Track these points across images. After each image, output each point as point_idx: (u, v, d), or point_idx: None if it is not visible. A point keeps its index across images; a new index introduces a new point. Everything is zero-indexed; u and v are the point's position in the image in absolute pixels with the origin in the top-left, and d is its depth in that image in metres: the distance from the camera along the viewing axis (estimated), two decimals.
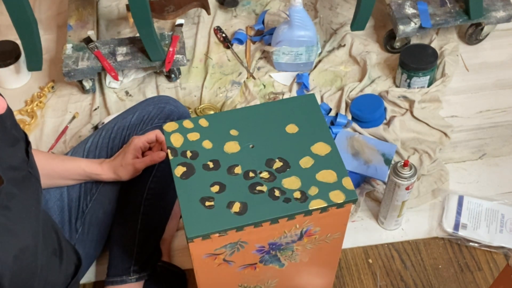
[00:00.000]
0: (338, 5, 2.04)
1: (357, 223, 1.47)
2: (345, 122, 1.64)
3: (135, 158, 1.20)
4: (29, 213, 0.88)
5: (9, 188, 0.83)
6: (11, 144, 0.89)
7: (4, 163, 0.84)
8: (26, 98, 1.82)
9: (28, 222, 0.87)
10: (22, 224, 0.84)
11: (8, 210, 0.81)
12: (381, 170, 1.49)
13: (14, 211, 0.82)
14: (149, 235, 1.29)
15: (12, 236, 0.81)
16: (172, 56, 1.72)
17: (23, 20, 1.54)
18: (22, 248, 0.83)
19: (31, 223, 0.88)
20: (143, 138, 1.21)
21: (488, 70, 1.82)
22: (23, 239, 0.83)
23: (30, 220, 0.88)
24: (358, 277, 1.38)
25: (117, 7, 2.08)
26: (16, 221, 0.82)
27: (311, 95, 1.09)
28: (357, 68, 1.84)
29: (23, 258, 0.83)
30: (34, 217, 0.90)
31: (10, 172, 0.84)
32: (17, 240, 0.82)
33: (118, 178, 1.22)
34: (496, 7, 1.81)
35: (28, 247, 0.85)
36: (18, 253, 0.81)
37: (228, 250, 0.98)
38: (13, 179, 0.84)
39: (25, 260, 0.84)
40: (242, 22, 2.01)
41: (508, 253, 1.39)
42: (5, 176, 0.82)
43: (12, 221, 0.81)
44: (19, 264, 0.81)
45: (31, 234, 0.87)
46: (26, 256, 0.84)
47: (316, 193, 0.94)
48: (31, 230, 0.88)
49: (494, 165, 1.58)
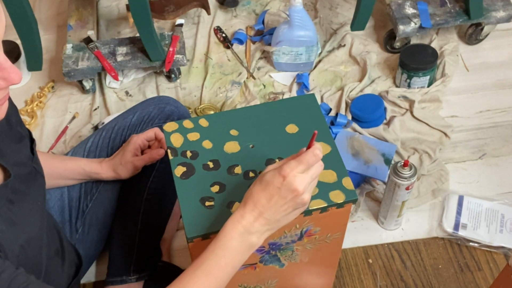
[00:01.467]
0: (338, 5, 2.04)
1: (357, 223, 1.47)
2: (345, 122, 1.64)
3: (134, 156, 1.20)
4: (34, 207, 0.89)
5: (15, 183, 0.84)
6: (17, 141, 0.90)
7: (10, 159, 0.85)
8: (26, 98, 1.82)
9: (33, 216, 0.88)
10: (27, 217, 0.86)
11: (13, 204, 0.82)
12: (381, 170, 1.49)
13: (19, 205, 0.84)
14: (149, 235, 1.29)
15: (18, 228, 0.82)
16: (172, 56, 1.72)
17: (23, 20, 1.54)
18: (28, 239, 0.85)
19: (36, 216, 0.89)
20: (142, 136, 1.21)
21: (488, 70, 1.82)
22: (28, 231, 0.85)
23: (35, 214, 0.89)
24: (358, 277, 1.38)
25: (117, 7, 2.09)
26: (21, 214, 0.84)
27: (311, 95, 1.09)
28: (357, 68, 1.84)
29: (29, 249, 0.84)
30: (39, 211, 0.91)
31: (16, 168, 0.86)
32: (22, 231, 0.83)
33: (118, 177, 1.22)
34: (496, 7, 1.81)
35: (33, 239, 0.86)
36: (24, 244, 0.83)
37: None
38: (19, 174, 0.85)
39: (30, 251, 0.85)
40: (242, 22, 2.01)
41: (508, 253, 1.39)
42: (11, 171, 0.83)
43: (17, 214, 0.83)
44: (25, 254, 0.83)
45: (36, 227, 0.89)
46: (31, 247, 0.85)
47: (316, 193, 0.94)
48: (36, 223, 0.89)
49: (494, 165, 1.58)
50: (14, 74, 0.67)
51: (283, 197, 0.80)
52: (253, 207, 0.82)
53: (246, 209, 0.82)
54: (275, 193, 0.80)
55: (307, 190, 0.80)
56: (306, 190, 0.80)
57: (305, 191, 0.80)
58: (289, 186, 0.79)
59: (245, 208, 0.82)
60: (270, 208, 0.81)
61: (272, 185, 0.80)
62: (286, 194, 0.79)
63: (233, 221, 0.83)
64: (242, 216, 0.82)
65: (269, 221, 0.82)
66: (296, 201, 0.80)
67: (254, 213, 0.82)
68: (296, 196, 0.80)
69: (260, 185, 0.82)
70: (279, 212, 0.81)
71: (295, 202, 0.81)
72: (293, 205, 0.81)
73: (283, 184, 0.79)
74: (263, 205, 0.81)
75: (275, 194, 0.80)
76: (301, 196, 0.80)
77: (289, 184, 0.79)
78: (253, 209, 0.82)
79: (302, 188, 0.79)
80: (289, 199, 0.80)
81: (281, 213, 0.82)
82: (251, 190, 0.83)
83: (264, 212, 0.81)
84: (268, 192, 0.80)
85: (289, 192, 0.79)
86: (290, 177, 0.79)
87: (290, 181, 0.79)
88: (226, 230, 0.83)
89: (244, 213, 0.82)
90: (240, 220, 0.82)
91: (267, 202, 0.81)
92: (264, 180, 0.81)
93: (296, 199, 0.80)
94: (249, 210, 0.82)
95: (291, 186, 0.79)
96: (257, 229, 0.82)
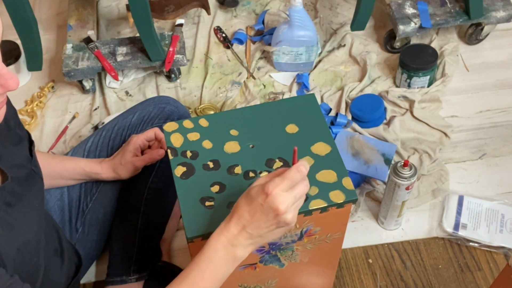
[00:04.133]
0: (338, 5, 2.04)
1: (357, 223, 1.47)
2: (345, 122, 1.64)
3: (134, 156, 1.20)
4: (32, 210, 0.89)
5: (12, 185, 0.84)
6: (15, 143, 0.90)
7: (9, 161, 0.85)
8: (26, 98, 1.82)
9: (31, 219, 0.88)
10: (25, 220, 0.85)
11: (10, 207, 0.82)
12: (381, 170, 1.48)
13: (16, 208, 0.84)
14: (149, 235, 1.29)
15: (15, 231, 0.82)
16: (172, 56, 1.72)
17: (23, 20, 1.54)
18: (25, 242, 0.84)
19: (33, 219, 0.89)
20: (142, 136, 1.21)
21: (488, 70, 1.82)
22: (25, 234, 0.85)
23: (33, 217, 0.89)
24: (358, 277, 1.38)
25: (117, 7, 2.09)
26: (19, 217, 0.84)
27: (311, 95, 1.09)
28: (357, 68, 1.84)
29: (25, 252, 0.84)
30: (37, 214, 0.91)
31: (14, 170, 0.85)
32: (19, 234, 0.83)
33: (118, 177, 1.22)
34: (496, 7, 1.81)
35: (30, 242, 0.86)
36: (21, 247, 0.82)
37: None
38: (16, 177, 0.85)
39: (27, 254, 0.85)
40: (242, 22, 2.01)
41: (508, 253, 1.39)
42: (9, 174, 0.83)
43: (14, 217, 0.82)
44: (21, 257, 0.82)
45: (34, 230, 0.89)
46: (28, 250, 0.85)
47: (316, 193, 0.94)
48: (33, 226, 0.89)
49: (494, 165, 1.58)
50: (11, 81, 0.67)
51: (265, 214, 0.79)
52: (237, 221, 0.82)
53: (231, 222, 0.82)
54: (258, 209, 0.80)
55: (289, 210, 0.79)
56: (288, 210, 0.79)
57: (287, 211, 0.79)
58: (271, 205, 0.78)
59: (231, 220, 0.82)
60: (253, 223, 0.81)
61: (256, 201, 0.80)
62: (268, 212, 0.79)
63: (217, 233, 0.83)
64: (227, 228, 0.82)
65: (252, 236, 0.82)
66: (278, 220, 0.80)
67: (238, 226, 0.82)
68: (278, 215, 0.79)
69: (246, 199, 0.81)
70: (261, 228, 0.81)
71: (277, 221, 0.80)
72: (276, 223, 0.80)
73: (265, 202, 0.79)
74: (247, 219, 0.81)
75: (258, 210, 0.80)
76: (283, 216, 0.79)
77: (270, 202, 0.78)
78: (237, 222, 0.82)
79: (283, 208, 0.78)
80: (271, 217, 0.80)
81: (264, 230, 0.81)
82: (237, 202, 0.83)
83: (247, 227, 0.81)
84: (252, 207, 0.80)
85: (270, 211, 0.79)
86: (272, 195, 0.78)
87: (272, 200, 0.78)
88: (211, 242, 0.83)
89: (229, 225, 0.82)
90: (224, 232, 0.82)
91: (250, 217, 0.81)
92: (250, 195, 0.81)
93: (278, 217, 0.79)
94: (234, 223, 0.82)
95: (273, 205, 0.78)
96: (240, 242, 0.82)
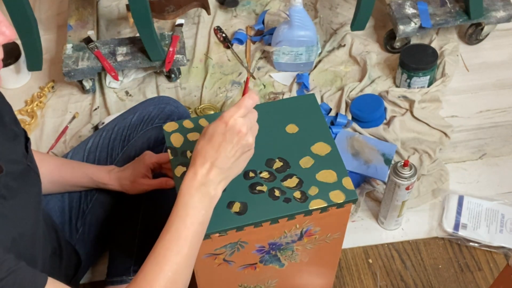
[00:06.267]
0: (338, 5, 2.04)
1: (357, 223, 1.47)
2: (345, 122, 1.64)
3: (144, 176, 1.19)
4: (28, 204, 0.89)
5: (7, 179, 0.84)
6: (11, 139, 0.90)
7: (4, 156, 0.85)
8: (26, 98, 1.82)
9: (26, 211, 0.88)
10: (20, 213, 0.86)
11: (5, 199, 0.82)
12: (381, 170, 1.48)
13: (11, 201, 0.84)
14: (149, 235, 1.29)
15: (10, 222, 0.82)
16: (172, 56, 1.72)
17: (23, 20, 1.54)
18: (21, 233, 0.84)
19: (29, 213, 0.89)
20: (155, 158, 1.19)
21: (488, 70, 1.82)
22: (20, 226, 0.85)
23: (28, 211, 0.89)
24: (358, 277, 1.38)
25: (117, 7, 2.09)
26: (13, 210, 0.84)
27: (311, 95, 1.09)
28: (357, 68, 1.84)
29: (21, 243, 0.84)
30: (33, 207, 0.91)
31: (10, 165, 0.86)
32: (14, 226, 0.83)
33: (124, 191, 1.22)
34: (496, 7, 1.81)
35: (25, 234, 0.86)
36: (17, 237, 0.83)
37: (228, 250, 0.98)
38: (11, 171, 0.85)
39: (23, 245, 0.85)
40: (242, 22, 2.01)
41: (508, 253, 1.39)
42: (4, 168, 0.84)
43: (8, 209, 0.83)
44: (17, 248, 0.82)
45: (29, 223, 0.89)
46: (24, 242, 0.85)
47: (316, 193, 0.94)
48: (29, 220, 0.89)
49: (494, 165, 1.58)
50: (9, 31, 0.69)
51: (229, 142, 0.83)
52: (203, 161, 0.84)
53: (196, 166, 0.85)
54: (221, 139, 0.83)
55: (249, 132, 0.84)
56: (249, 132, 0.84)
57: (248, 133, 0.84)
58: (233, 130, 0.82)
59: (196, 165, 0.85)
60: (219, 156, 0.84)
61: (217, 133, 0.83)
62: (231, 138, 0.83)
63: (188, 180, 0.85)
64: (194, 173, 0.85)
65: (222, 170, 0.85)
66: (242, 143, 0.84)
67: (206, 165, 0.84)
68: (241, 137, 0.83)
69: (204, 139, 0.85)
70: (228, 158, 0.84)
71: (241, 145, 0.84)
72: (240, 148, 0.84)
73: (226, 130, 0.83)
74: (212, 155, 0.84)
75: (222, 141, 0.83)
76: (246, 137, 0.84)
77: (232, 127, 0.82)
78: (203, 162, 0.84)
79: (245, 129, 0.83)
80: (235, 142, 0.83)
81: (231, 159, 0.85)
82: (196, 148, 0.86)
83: (214, 162, 0.84)
84: (214, 141, 0.84)
85: (234, 135, 0.83)
86: (232, 121, 0.82)
87: (232, 125, 0.82)
88: (183, 191, 0.85)
89: (196, 169, 0.85)
90: (194, 177, 0.85)
91: (215, 152, 0.84)
92: (208, 133, 0.85)
93: (241, 140, 0.83)
94: (200, 164, 0.85)
95: (235, 129, 0.82)
96: (212, 180, 0.85)
